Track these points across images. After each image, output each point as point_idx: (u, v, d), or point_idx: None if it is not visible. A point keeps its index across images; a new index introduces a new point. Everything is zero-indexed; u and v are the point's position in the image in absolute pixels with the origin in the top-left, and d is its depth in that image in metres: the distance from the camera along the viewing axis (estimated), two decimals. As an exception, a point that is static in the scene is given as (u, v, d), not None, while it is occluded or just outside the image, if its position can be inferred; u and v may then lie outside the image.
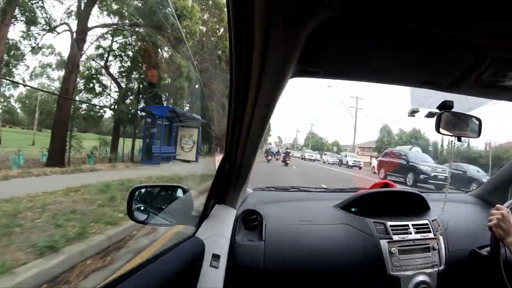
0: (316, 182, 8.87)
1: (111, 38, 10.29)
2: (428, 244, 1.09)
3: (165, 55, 11.23)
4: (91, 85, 10.25)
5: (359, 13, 0.48)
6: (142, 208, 1.00)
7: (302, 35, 0.49)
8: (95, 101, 10.63)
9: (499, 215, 0.95)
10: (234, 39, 0.54)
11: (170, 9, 9.71)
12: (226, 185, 1.09)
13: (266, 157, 17.71)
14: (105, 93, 10.59)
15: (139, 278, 0.69)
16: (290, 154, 18.40)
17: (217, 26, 15.76)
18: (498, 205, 1.00)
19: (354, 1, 0.45)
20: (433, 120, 0.94)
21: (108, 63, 10.37)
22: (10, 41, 8.47)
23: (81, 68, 9.50)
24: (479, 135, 1.02)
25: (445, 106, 0.95)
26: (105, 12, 9.74)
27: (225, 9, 0.52)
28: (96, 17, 9.82)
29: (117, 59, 10.55)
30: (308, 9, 0.43)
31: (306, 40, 0.51)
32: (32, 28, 8.78)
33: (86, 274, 2.34)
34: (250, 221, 1.12)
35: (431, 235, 1.11)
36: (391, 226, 1.10)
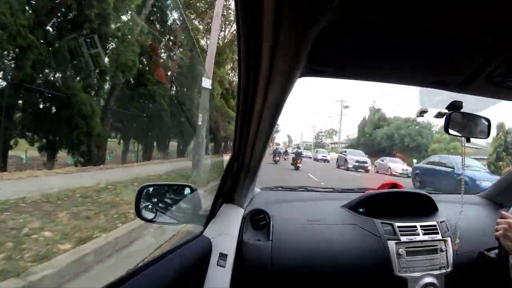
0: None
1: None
2: (436, 245, 1.08)
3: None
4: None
5: (368, 13, 0.48)
6: (150, 206, 1.01)
7: (311, 35, 0.49)
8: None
9: (505, 225, 0.88)
10: (242, 39, 0.54)
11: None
12: (234, 185, 1.09)
13: (274, 158, 17.40)
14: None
15: (146, 276, 0.70)
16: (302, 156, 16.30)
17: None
18: (503, 212, 0.94)
19: (362, 0, 0.45)
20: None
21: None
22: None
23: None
24: (488, 135, 1.01)
25: (454, 106, 0.94)
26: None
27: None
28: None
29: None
30: (317, 9, 0.43)
31: (315, 40, 0.51)
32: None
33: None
34: (257, 220, 1.12)
35: (439, 236, 1.10)
36: (399, 227, 1.09)
